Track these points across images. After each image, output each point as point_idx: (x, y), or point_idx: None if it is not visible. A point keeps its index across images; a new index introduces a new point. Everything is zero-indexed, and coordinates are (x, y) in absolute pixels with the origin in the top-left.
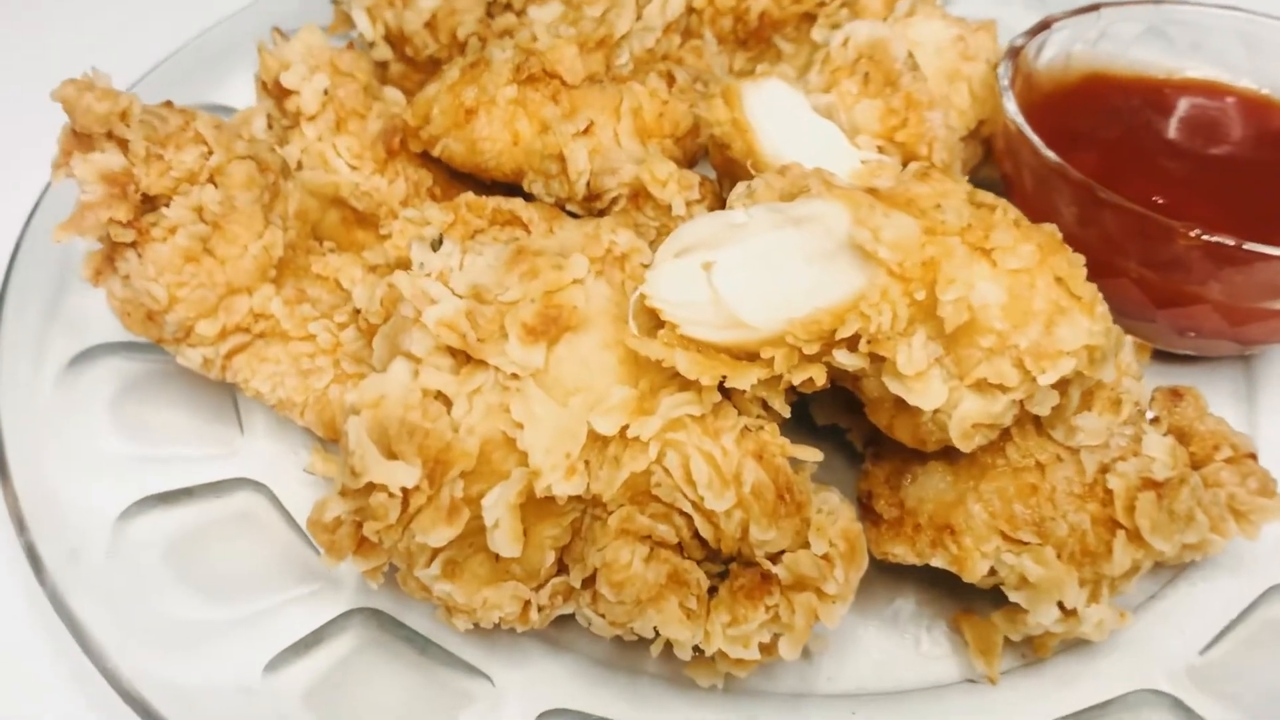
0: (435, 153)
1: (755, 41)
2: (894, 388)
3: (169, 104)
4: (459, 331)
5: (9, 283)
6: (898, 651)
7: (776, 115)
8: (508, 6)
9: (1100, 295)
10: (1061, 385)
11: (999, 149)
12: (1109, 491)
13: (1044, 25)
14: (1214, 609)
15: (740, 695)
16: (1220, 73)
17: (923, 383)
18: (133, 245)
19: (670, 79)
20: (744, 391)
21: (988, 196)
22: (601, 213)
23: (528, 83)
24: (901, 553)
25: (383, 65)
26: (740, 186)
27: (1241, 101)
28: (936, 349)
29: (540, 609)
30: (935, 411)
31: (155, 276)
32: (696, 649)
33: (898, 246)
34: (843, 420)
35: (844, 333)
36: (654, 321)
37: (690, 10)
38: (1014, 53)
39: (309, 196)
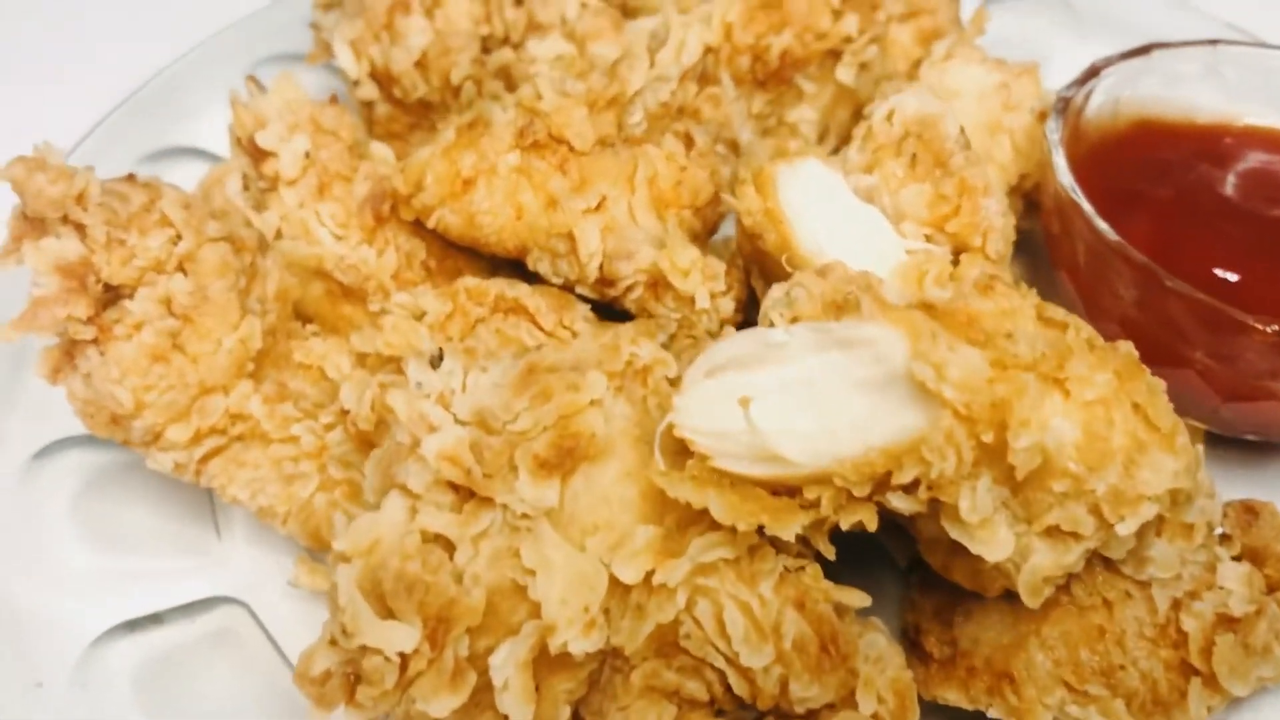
0: (430, 224)
1: (775, 82)
2: (954, 533)
3: (131, 177)
4: (462, 466)
5: None
6: None
7: (814, 202)
8: (505, 40)
9: (1181, 424)
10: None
11: (1047, 208)
12: (1183, 632)
13: (1092, 72)
14: None
15: None
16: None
17: (988, 530)
18: (94, 342)
19: (688, 141)
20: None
21: (1056, 312)
22: (615, 300)
23: (532, 149)
24: (954, 698)
25: (368, 105)
26: (777, 291)
27: None
28: (1003, 492)
29: None
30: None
31: (119, 379)
32: None
33: (964, 386)
34: (884, 536)
35: (901, 477)
36: (683, 450)
37: (706, 50)
38: (1063, 105)
39: (290, 272)
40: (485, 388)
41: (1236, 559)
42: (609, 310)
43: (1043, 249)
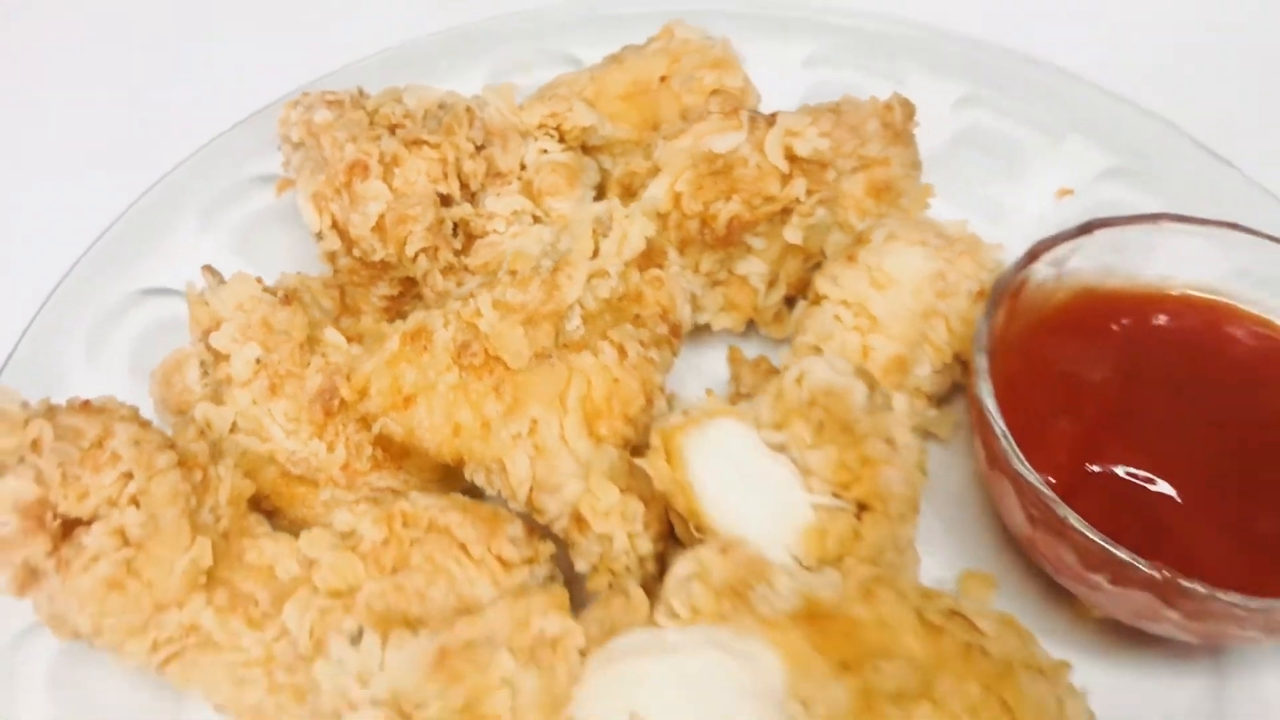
0: (374, 430)
1: (724, 245)
2: None
3: (86, 405)
4: None
5: None
6: None
7: (723, 466)
8: (464, 187)
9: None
10: None
11: (975, 414)
12: None
13: (1032, 256)
14: None
15: None
16: (1224, 294)
17: None
18: (56, 569)
19: (621, 351)
20: None
21: (939, 614)
22: (545, 527)
23: (469, 370)
24: None
25: (332, 255)
26: (681, 569)
27: (1246, 332)
28: None
29: None
30: None
31: (80, 608)
32: None
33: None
34: None
35: None
36: None
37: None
38: (996, 300)
39: (243, 462)
40: (402, 668)
41: None
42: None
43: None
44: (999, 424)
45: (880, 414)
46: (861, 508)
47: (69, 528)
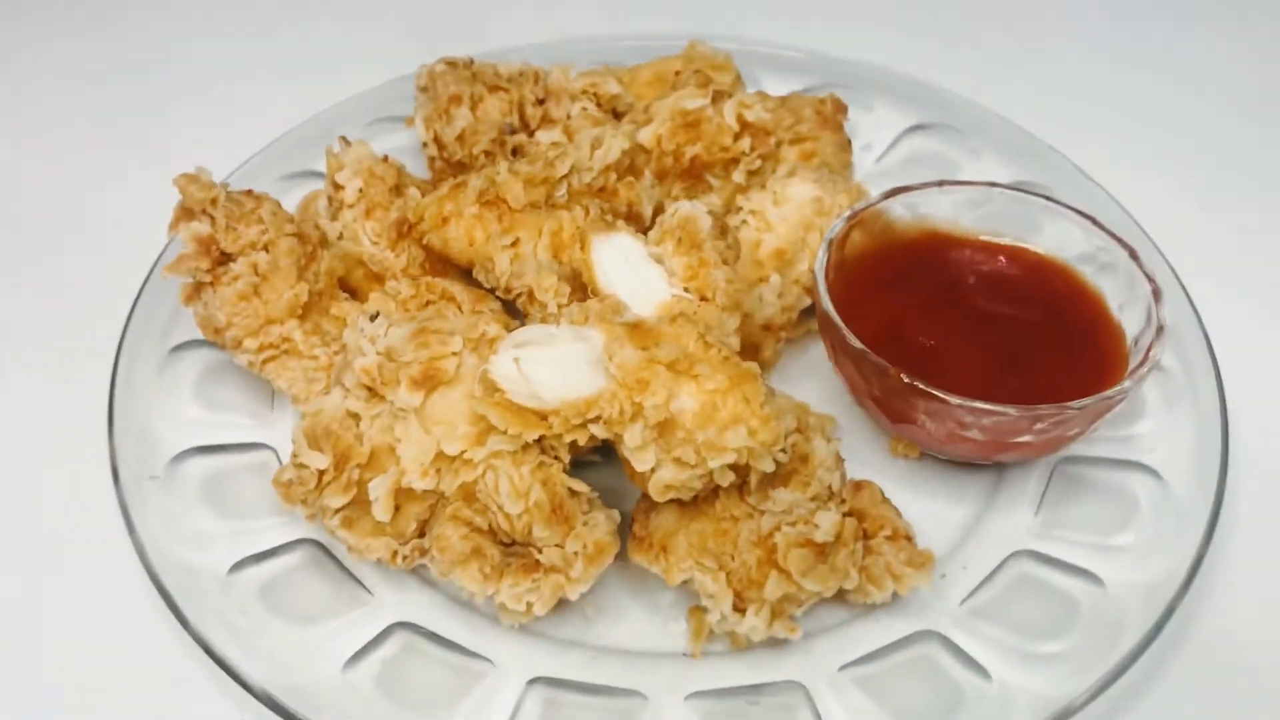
0: (423, 244)
1: (689, 177)
2: (624, 453)
3: (249, 192)
4: (372, 376)
5: (143, 291)
6: (649, 627)
7: (615, 259)
8: (525, 126)
9: (776, 412)
10: (738, 470)
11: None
12: (774, 544)
13: (887, 195)
14: (873, 637)
15: (531, 634)
16: (1026, 241)
17: (640, 453)
18: (210, 284)
19: (586, 210)
20: (541, 439)
21: (712, 339)
22: (514, 300)
23: (485, 205)
24: (640, 559)
25: (431, 159)
26: (571, 308)
27: (1029, 268)
28: (652, 433)
29: (404, 558)
30: (650, 471)
31: (221, 307)
32: None
33: (622, 369)
34: None
35: (591, 416)
36: (494, 387)
37: (641, 150)
38: (852, 215)
39: (340, 260)
40: (395, 337)
41: (846, 515)
42: (509, 304)
43: None
44: (821, 282)
45: (719, 240)
46: (702, 300)
47: (224, 259)
